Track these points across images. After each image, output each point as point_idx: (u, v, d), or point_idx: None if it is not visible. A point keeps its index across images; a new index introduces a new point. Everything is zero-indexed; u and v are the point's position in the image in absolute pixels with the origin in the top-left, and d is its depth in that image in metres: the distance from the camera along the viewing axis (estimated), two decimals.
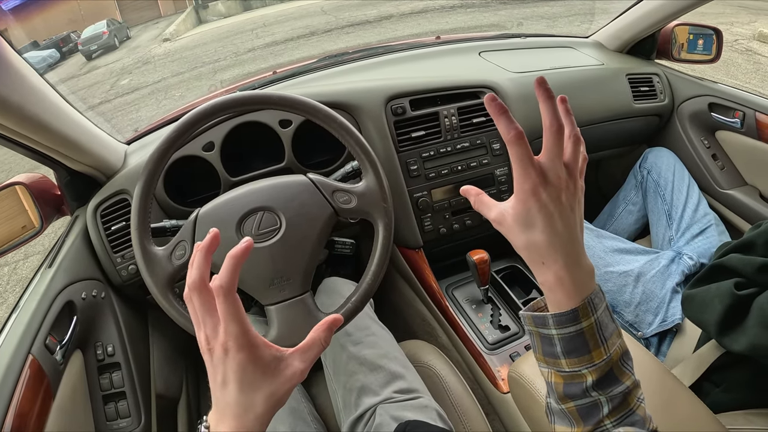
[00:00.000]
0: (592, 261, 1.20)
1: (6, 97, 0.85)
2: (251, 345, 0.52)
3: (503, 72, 1.43)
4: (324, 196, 0.82)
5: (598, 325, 0.54)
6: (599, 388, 0.54)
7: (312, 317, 0.81)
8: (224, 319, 0.51)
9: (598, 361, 0.53)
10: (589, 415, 0.56)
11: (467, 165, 1.27)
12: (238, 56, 9.80)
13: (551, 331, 0.55)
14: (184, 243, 0.79)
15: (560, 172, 0.54)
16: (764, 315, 0.77)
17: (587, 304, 0.53)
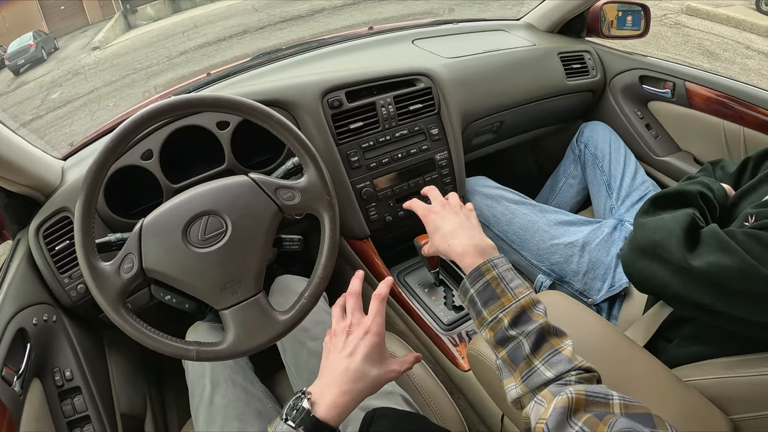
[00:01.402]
0: (537, 235, 1.24)
1: None
2: (383, 336, 0.75)
3: (436, 58, 1.45)
4: (267, 194, 0.81)
5: (501, 277, 0.72)
6: (515, 327, 0.68)
7: (267, 317, 0.80)
8: (376, 314, 0.75)
9: (508, 304, 0.69)
10: (517, 356, 0.67)
11: (407, 152, 1.29)
12: (171, 60, 9.53)
13: (470, 291, 0.73)
14: (132, 255, 0.78)
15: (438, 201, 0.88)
16: (719, 239, 0.79)
17: (488, 262, 0.73)
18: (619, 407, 0.55)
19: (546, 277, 1.30)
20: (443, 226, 0.82)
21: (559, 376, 0.63)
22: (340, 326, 0.76)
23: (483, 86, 1.45)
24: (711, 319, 0.84)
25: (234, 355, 0.80)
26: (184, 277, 0.78)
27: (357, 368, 0.70)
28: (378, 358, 0.72)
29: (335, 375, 0.70)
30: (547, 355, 0.66)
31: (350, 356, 0.71)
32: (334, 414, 0.66)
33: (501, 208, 1.37)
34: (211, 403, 0.98)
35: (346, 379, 0.69)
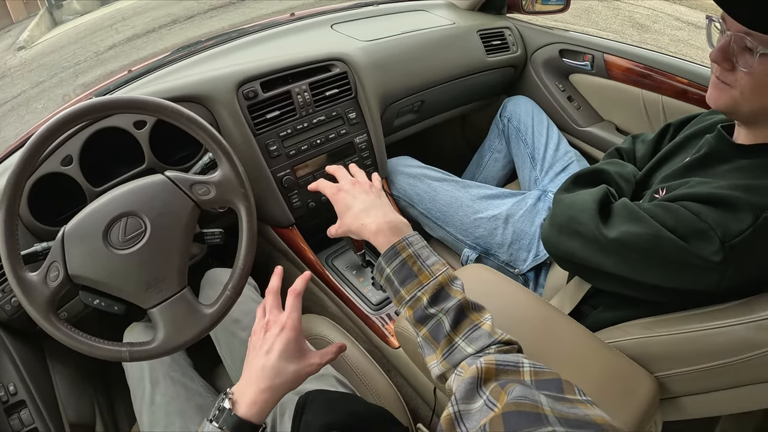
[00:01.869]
0: (460, 210, 1.28)
1: None
2: (299, 331, 0.76)
3: (354, 42, 1.46)
4: (183, 191, 0.82)
5: (417, 255, 0.72)
6: (434, 305, 0.69)
7: (194, 311, 0.82)
8: (291, 310, 0.77)
9: (426, 282, 0.70)
10: (437, 333, 0.68)
11: (326, 138, 1.30)
12: (99, 55, 9.06)
13: (386, 270, 0.73)
14: (57, 264, 0.78)
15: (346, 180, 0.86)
16: (630, 210, 0.83)
17: (402, 240, 0.73)
18: (529, 374, 0.55)
19: (472, 251, 1.34)
20: (354, 205, 0.81)
21: (479, 351, 0.65)
22: (259, 325, 0.77)
23: (401, 67, 1.47)
24: (627, 290, 0.88)
25: (165, 352, 0.81)
26: (109, 280, 0.79)
27: (273, 365, 0.71)
28: (295, 353, 0.74)
29: (254, 373, 0.71)
30: (467, 331, 0.67)
31: (267, 354, 0.72)
32: (254, 411, 0.68)
33: (424, 186, 1.40)
34: (153, 402, 0.99)
35: (263, 377, 0.70)
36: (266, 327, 0.76)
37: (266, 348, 0.73)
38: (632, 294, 0.89)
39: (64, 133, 0.80)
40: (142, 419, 1.00)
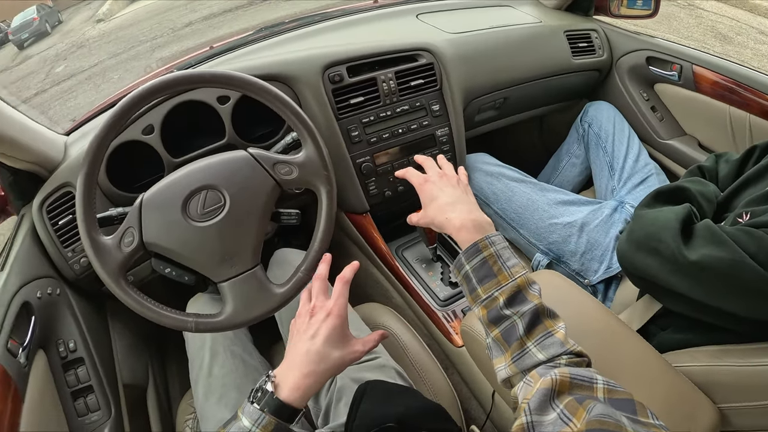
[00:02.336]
0: (536, 214, 1.24)
1: None
2: (345, 318, 0.75)
3: (440, 33, 1.43)
4: (265, 169, 0.82)
5: (498, 255, 0.71)
6: (510, 307, 0.68)
7: (264, 289, 0.82)
8: (338, 296, 0.75)
9: (505, 283, 0.69)
10: (509, 335, 0.68)
11: (408, 128, 1.28)
12: (176, 32, 9.39)
13: (465, 267, 0.73)
14: (132, 230, 0.79)
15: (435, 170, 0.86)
16: (713, 233, 0.80)
17: (485, 239, 0.73)
18: (603, 391, 0.54)
19: (543, 256, 1.30)
20: (440, 197, 0.80)
21: (550, 359, 0.64)
22: (304, 309, 0.77)
23: (487, 63, 1.44)
24: (701, 314, 0.85)
25: (231, 326, 0.81)
26: (183, 251, 0.79)
27: (318, 350, 0.71)
28: (339, 339, 0.73)
29: (298, 357, 0.71)
30: (540, 337, 0.66)
31: (312, 338, 0.72)
32: (297, 396, 0.68)
33: (501, 185, 1.37)
34: (210, 374, 1.00)
35: (307, 361, 0.70)
36: (312, 312, 0.75)
37: (311, 333, 0.73)
38: (705, 319, 0.86)
39: (150, 101, 0.81)
40: (197, 388, 1.01)
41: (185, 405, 1.11)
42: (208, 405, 0.96)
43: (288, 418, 0.68)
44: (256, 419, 0.66)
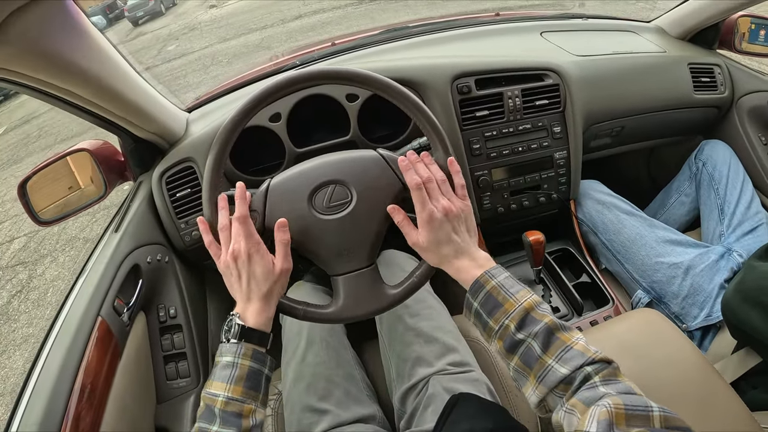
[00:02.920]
0: (643, 250, 1.23)
1: (86, 69, 0.88)
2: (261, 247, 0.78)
3: (565, 54, 1.41)
4: (394, 171, 0.83)
5: (501, 286, 0.72)
6: (522, 330, 0.68)
7: (376, 289, 0.83)
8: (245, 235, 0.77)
9: (512, 309, 0.69)
10: (529, 359, 0.67)
11: (528, 146, 1.27)
12: (285, 23, 9.72)
13: (474, 304, 0.74)
14: (256, 213, 0.81)
15: (443, 203, 0.79)
16: None
17: (485, 274, 0.74)
18: (659, 420, 0.53)
19: (645, 294, 1.27)
20: (443, 240, 0.79)
21: (574, 371, 0.63)
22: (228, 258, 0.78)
23: (610, 89, 1.41)
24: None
25: (339, 320, 0.83)
26: (304, 240, 0.81)
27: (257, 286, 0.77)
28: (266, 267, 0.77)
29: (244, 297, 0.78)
30: (559, 353, 0.65)
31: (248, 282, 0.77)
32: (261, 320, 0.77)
33: (611, 215, 1.34)
34: (303, 360, 1.01)
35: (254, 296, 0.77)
36: (233, 257, 0.77)
37: (245, 277, 0.77)
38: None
39: (289, 92, 0.82)
40: (287, 372, 1.02)
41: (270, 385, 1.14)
42: (296, 390, 0.98)
43: (260, 341, 0.76)
44: (235, 351, 0.73)
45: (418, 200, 0.79)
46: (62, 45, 0.81)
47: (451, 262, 0.78)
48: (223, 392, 0.70)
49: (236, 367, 0.72)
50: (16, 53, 0.73)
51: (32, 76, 0.81)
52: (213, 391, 0.71)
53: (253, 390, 0.72)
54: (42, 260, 4.75)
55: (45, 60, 0.80)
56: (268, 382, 0.77)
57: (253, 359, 0.74)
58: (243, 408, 0.70)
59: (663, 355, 0.83)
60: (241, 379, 0.71)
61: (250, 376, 0.72)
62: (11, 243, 5.44)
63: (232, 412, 0.69)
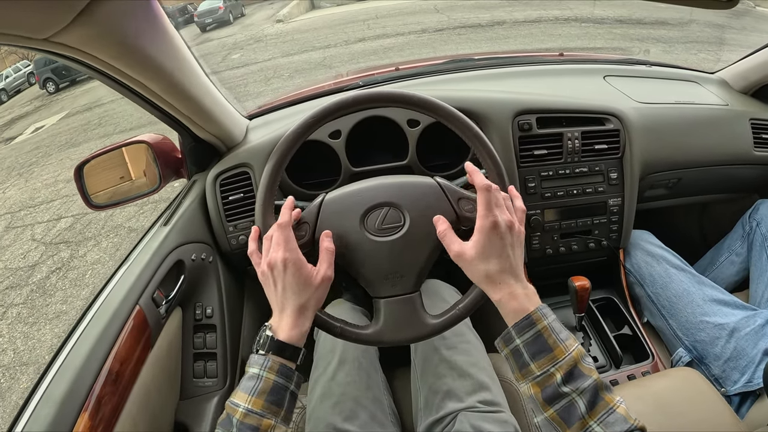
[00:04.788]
0: (689, 307, 1.22)
1: (160, 64, 0.90)
2: (297, 257, 0.76)
3: (628, 100, 1.40)
4: (450, 201, 0.82)
5: (552, 329, 0.66)
6: (569, 384, 0.63)
7: (417, 317, 0.82)
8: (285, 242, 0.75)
9: (561, 358, 0.64)
10: (569, 415, 0.63)
11: (583, 190, 1.27)
12: (349, 45, 10.04)
13: (516, 341, 0.68)
14: (307, 224, 0.82)
15: (508, 215, 0.74)
16: None
17: (537, 311, 0.68)
18: None
19: (686, 353, 1.24)
20: (501, 256, 0.72)
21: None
22: (264, 267, 0.78)
23: (670, 139, 1.39)
24: None
25: (376, 342, 0.82)
26: (352, 258, 0.81)
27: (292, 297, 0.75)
28: (305, 277, 0.75)
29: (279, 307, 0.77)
30: (602, 414, 0.61)
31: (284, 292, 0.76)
32: (294, 334, 0.74)
33: (660, 269, 1.32)
34: (333, 378, 1.01)
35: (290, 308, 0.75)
36: (270, 267, 0.76)
37: (281, 286, 0.76)
38: None
39: (354, 110, 0.83)
40: (315, 388, 1.02)
41: None
42: (322, 407, 0.97)
43: (290, 356, 0.74)
44: (262, 363, 0.72)
45: (483, 202, 0.73)
46: (142, 37, 0.84)
47: (497, 282, 0.72)
48: (244, 404, 0.68)
49: (260, 380, 0.70)
50: (96, 37, 0.75)
51: (109, 62, 0.83)
52: (235, 400, 0.70)
53: (275, 405, 0.70)
54: (85, 242, 4.92)
55: (124, 49, 0.82)
56: (293, 398, 0.74)
57: (279, 374, 0.72)
58: (261, 422, 0.68)
59: (700, 417, 0.81)
60: (264, 392, 0.70)
61: (274, 391, 0.70)
62: (58, 221, 5.64)
63: (249, 425, 0.67)
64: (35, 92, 16.62)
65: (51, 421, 0.76)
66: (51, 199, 6.48)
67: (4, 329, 3.96)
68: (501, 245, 0.72)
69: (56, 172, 7.58)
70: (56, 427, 0.76)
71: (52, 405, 0.78)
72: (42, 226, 5.71)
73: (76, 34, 0.71)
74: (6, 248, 5.49)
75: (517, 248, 0.74)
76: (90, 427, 0.80)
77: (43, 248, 5.12)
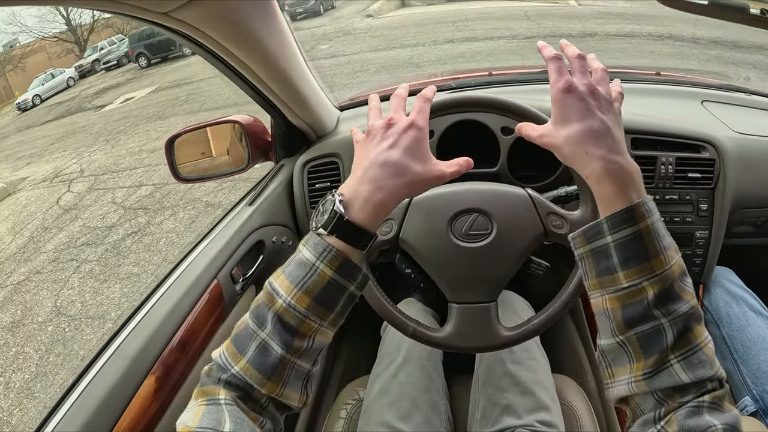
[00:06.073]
0: (762, 354, 1.19)
1: (267, 47, 0.93)
2: (427, 132, 0.64)
3: (725, 129, 1.33)
4: (539, 214, 0.82)
5: (655, 231, 0.53)
6: (661, 305, 0.52)
7: (491, 326, 0.82)
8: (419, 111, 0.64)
9: (659, 271, 0.52)
10: (650, 344, 0.52)
11: (671, 218, 1.22)
12: (437, 45, 10.13)
13: (606, 239, 0.54)
14: (392, 221, 0.83)
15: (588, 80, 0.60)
16: None
17: (642, 205, 0.53)
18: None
19: (752, 403, 1.17)
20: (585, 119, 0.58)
21: (695, 382, 0.50)
22: (377, 123, 0.64)
23: (765, 174, 1.31)
24: None
25: (445, 347, 0.83)
26: (434, 260, 0.82)
27: (397, 161, 0.59)
28: (421, 153, 0.62)
29: (372, 169, 0.59)
30: (687, 351, 0.51)
31: (390, 148, 0.60)
32: (367, 213, 0.57)
33: (738, 310, 1.25)
34: (395, 375, 1.02)
35: (383, 173, 0.58)
36: (389, 122, 0.63)
37: (389, 143, 0.61)
38: None
39: (458, 110, 0.84)
40: (375, 383, 1.03)
41: (351, 389, 1.15)
42: (379, 403, 0.98)
43: (358, 242, 0.57)
44: (322, 251, 0.56)
45: (554, 69, 0.61)
46: (253, 20, 0.87)
47: (585, 149, 0.57)
48: (286, 295, 0.55)
49: (314, 272, 0.55)
50: (213, 16, 0.79)
51: (220, 42, 0.86)
52: (276, 286, 0.56)
53: (324, 307, 0.56)
54: (163, 211, 5.20)
55: (236, 30, 0.85)
56: (350, 300, 0.59)
57: (340, 271, 0.56)
58: (302, 324, 0.55)
59: None
60: (314, 290, 0.55)
61: (327, 290, 0.56)
62: (139, 188, 5.99)
63: (286, 323, 0.55)
64: (129, 66, 17.52)
65: (120, 377, 0.78)
66: (134, 167, 6.87)
67: (75, 282, 4.22)
68: (583, 107, 0.58)
69: (141, 142, 8.02)
70: (124, 383, 0.79)
71: (123, 361, 0.81)
72: (123, 191, 6.06)
73: (194, 11, 0.75)
74: (87, 207, 5.87)
75: (609, 114, 0.59)
76: (155, 390, 0.82)
77: (122, 212, 5.43)
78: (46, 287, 4.32)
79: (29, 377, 3.29)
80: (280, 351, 0.54)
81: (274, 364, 0.54)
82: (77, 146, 9.15)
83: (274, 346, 0.54)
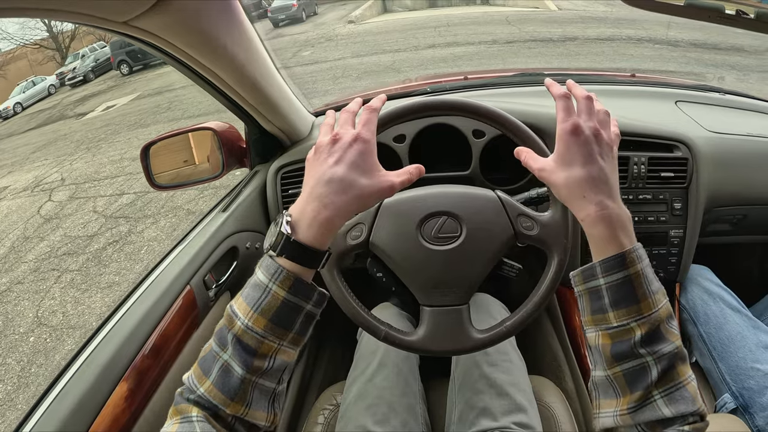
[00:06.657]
0: (741, 351, 1.17)
1: (233, 54, 0.92)
2: (374, 145, 0.64)
3: (699, 128, 1.35)
4: (509, 217, 0.82)
5: (644, 276, 0.57)
6: (647, 346, 0.55)
7: (463, 329, 0.81)
8: (366, 122, 0.64)
9: (647, 313, 0.55)
10: (636, 380, 0.56)
11: (644, 218, 1.23)
12: (418, 51, 10.23)
13: (599, 281, 0.58)
14: (363, 226, 0.82)
15: (595, 124, 0.62)
16: None
17: (632, 252, 0.57)
18: None
19: (732, 400, 1.18)
20: (587, 164, 0.61)
21: (677, 417, 0.53)
22: (325, 139, 0.64)
23: (740, 172, 1.33)
24: None
25: (418, 350, 0.82)
26: (405, 264, 0.81)
27: (342, 177, 0.59)
28: (368, 167, 0.62)
29: (318, 188, 0.59)
30: (670, 387, 0.55)
31: (336, 164, 0.60)
32: (315, 232, 0.58)
33: (716, 308, 1.26)
34: (371, 380, 1.01)
35: (329, 191, 0.59)
36: (334, 138, 0.62)
37: (334, 159, 0.60)
38: None
39: (425, 115, 0.83)
40: (351, 388, 1.02)
41: (329, 395, 1.14)
42: (356, 408, 0.98)
43: (308, 261, 0.58)
44: (273, 273, 0.57)
45: (562, 108, 0.63)
46: (217, 27, 0.86)
47: (583, 193, 0.60)
48: (244, 317, 0.56)
49: (267, 294, 0.56)
50: (172, 24, 0.77)
51: (183, 50, 0.86)
52: (235, 309, 0.57)
53: (281, 327, 0.57)
54: (144, 219, 5.17)
55: (199, 37, 0.84)
56: (309, 319, 0.60)
57: (292, 291, 0.57)
58: (261, 344, 0.56)
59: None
60: (269, 311, 0.56)
61: (282, 311, 0.56)
62: (120, 197, 5.94)
63: (246, 345, 0.55)
64: (111, 73, 17.44)
65: (92, 384, 0.78)
66: (115, 175, 6.82)
67: (56, 292, 4.17)
68: (586, 152, 0.61)
69: (123, 150, 7.97)
70: (96, 389, 0.78)
71: (94, 368, 0.80)
72: (104, 200, 6.02)
73: (155, 19, 0.74)
74: (68, 216, 5.81)
75: (608, 160, 0.62)
76: (127, 396, 0.82)
77: (103, 220, 5.39)
78: (27, 297, 4.26)
79: (11, 388, 3.25)
80: (241, 372, 0.56)
81: (236, 385, 0.55)
82: (59, 154, 9.07)
83: (236, 367, 0.56)
